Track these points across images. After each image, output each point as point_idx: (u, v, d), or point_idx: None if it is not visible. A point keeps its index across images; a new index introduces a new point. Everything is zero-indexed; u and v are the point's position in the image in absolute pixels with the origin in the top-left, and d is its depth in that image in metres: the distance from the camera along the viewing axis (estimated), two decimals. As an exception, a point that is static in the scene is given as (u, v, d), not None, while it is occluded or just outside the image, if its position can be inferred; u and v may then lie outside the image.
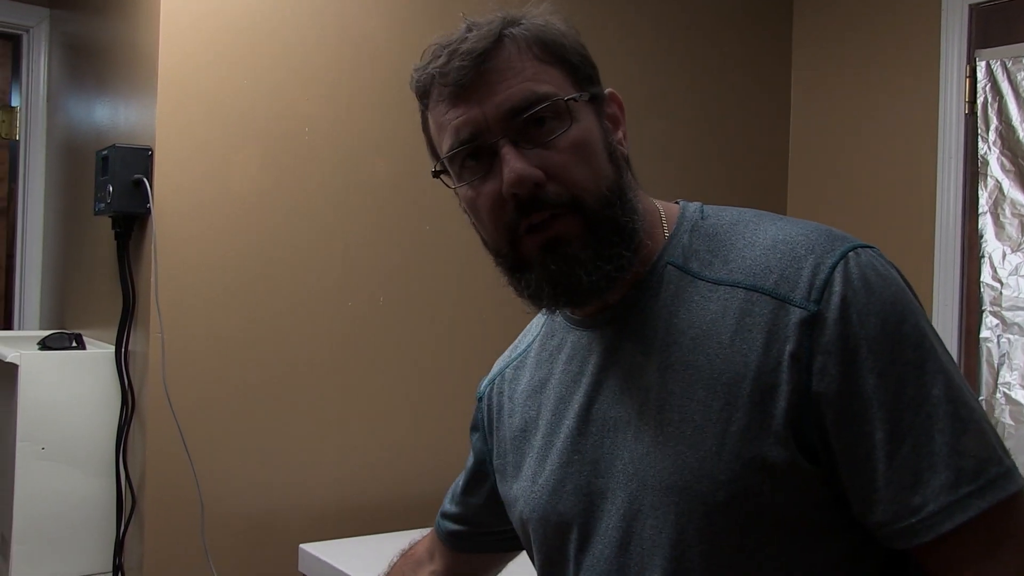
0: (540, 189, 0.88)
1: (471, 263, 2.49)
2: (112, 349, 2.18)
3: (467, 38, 0.92)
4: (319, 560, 2.03)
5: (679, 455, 0.87)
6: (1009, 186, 2.59)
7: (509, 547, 1.22)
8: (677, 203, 1.00)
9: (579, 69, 0.93)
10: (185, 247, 2.08)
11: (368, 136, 2.32)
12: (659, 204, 0.99)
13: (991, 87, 2.63)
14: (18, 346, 2.16)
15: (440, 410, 2.43)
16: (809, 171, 3.05)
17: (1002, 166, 2.61)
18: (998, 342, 2.58)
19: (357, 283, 2.31)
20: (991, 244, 2.62)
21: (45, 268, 2.94)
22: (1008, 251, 2.59)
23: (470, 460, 1.24)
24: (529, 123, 0.89)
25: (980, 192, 2.65)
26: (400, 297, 2.37)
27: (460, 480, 1.26)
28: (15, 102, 3.03)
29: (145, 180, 2.04)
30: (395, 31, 2.36)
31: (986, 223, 2.64)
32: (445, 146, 0.94)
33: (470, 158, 0.92)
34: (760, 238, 0.91)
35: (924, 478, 0.80)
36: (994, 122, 2.63)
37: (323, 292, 2.26)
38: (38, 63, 2.96)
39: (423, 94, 0.96)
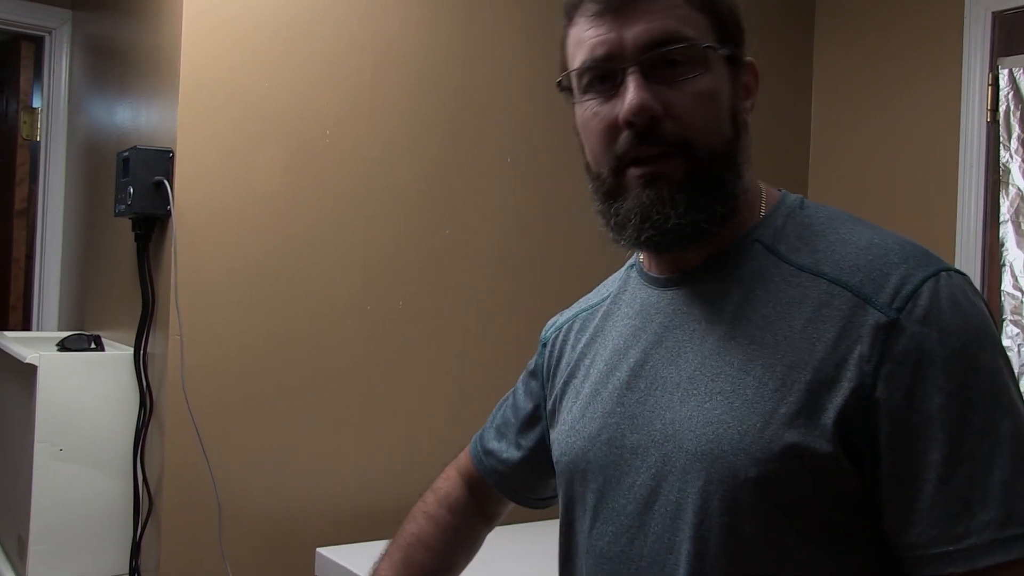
0: (657, 124, 0.90)
1: (493, 268, 2.48)
2: (131, 351, 2.18)
3: None
4: (336, 564, 2.03)
5: (721, 424, 0.87)
6: (1031, 195, 2.57)
7: (536, 503, 1.28)
8: (780, 191, 1.01)
9: (727, 26, 0.94)
10: (205, 249, 2.09)
11: (390, 139, 2.32)
12: (763, 185, 1.00)
13: (1013, 95, 2.61)
14: (37, 347, 2.17)
15: (460, 414, 2.42)
16: (829, 178, 3.04)
17: (1024, 174, 2.59)
18: (1019, 351, 2.56)
19: (378, 287, 2.31)
20: (1012, 253, 2.60)
21: (64, 269, 2.95)
22: (1030, 260, 2.57)
23: (523, 403, 1.25)
24: (664, 60, 0.90)
25: (1001, 200, 2.64)
26: (421, 301, 2.37)
27: (511, 419, 1.28)
28: (37, 103, 3.05)
29: (166, 182, 2.04)
30: (418, 34, 2.36)
31: (1007, 232, 2.62)
32: (577, 61, 0.95)
33: (597, 79, 0.93)
34: (855, 238, 0.90)
35: (973, 509, 0.79)
36: (1016, 130, 2.62)
37: (343, 296, 2.26)
38: (60, 65, 2.97)
39: (571, 7, 0.96)
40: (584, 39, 0.93)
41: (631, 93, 0.89)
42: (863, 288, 0.85)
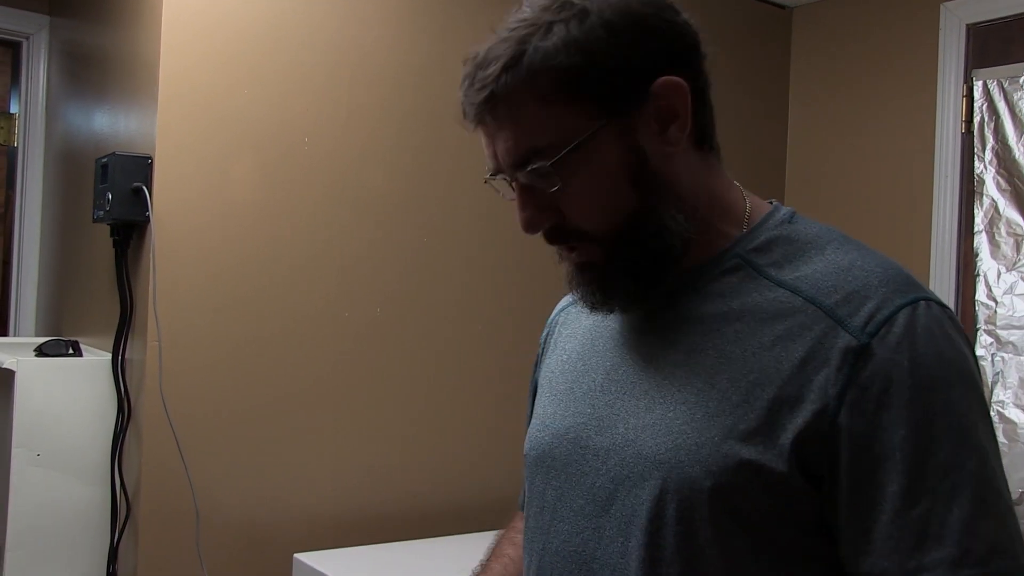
0: (555, 226, 0.92)
1: (470, 275, 2.49)
2: (109, 357, 2.18)
3: (475, 79, 0.91)
4: (314, 570, 2.02)
5: (681, 433, 0.87)
6: (1005, 205, 2.61)
7: None
8: (772, 203, 0.99)
9: (597, 90, 0.88)
10: (184, 255, 2.09)
11: (368, 148, 2.33)
12: (748, 199, 0.98)
13: (988, 107, 2.65)
14: (14, 352, 2.16)
15: (437, 421, 2.43)
16: (806, 189, 3.06)
17: (998, 185, 2.63)
18: (992, 360, 2.59)
19: (355, 294, 2.31)
20: (986, 263, 2.63)
21: (42, 275, 2.94)
22: (1003, 270, 2.60)
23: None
24: (533, 173, 0.90)
25: (976, 211, 2.67)
26: (398, 309, 2.37)
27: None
28: (14, 109, 3.03)
29: (144, 188, 2.04)
30: (396, 42, 2.37)
31: (982, 242, 2.65)
32: None
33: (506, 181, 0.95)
34: (838, 258, 0.89)
35: (927, 545, 0.78)
36: (990, 141, 2.65)
37: (321, 303, 2.26)
38: (37, 70, 2.96)
39: (463, 116, 0.97)
40: (483, 145, 0.95)
41: (518, 210, 0.92)
42: (838, 310, 0.84)
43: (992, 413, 2.54)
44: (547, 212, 0.91)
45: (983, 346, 2.61)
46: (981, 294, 2.63)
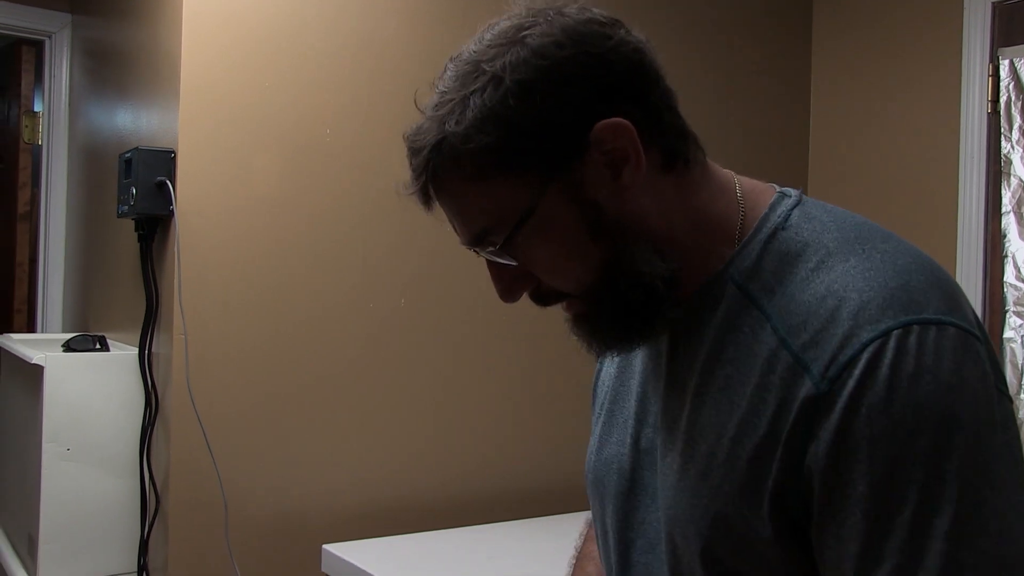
0: (536, 289, 0.89)
1: (492, 264, 2.48)
2: (136, 351, 2.19)
3: (412, 164, 0.90)
4: (342, 560, 2.03)
5: (678, 489, 0.86)
6: (1033, 185, 2.57)
7: None
8: (772, 195, 0.89)
9: (534, 155, 0.82)
10: (208, 249, 2.10)
11: (390, 138, 2.33)
12: (742, 203, 0.88)
13: (1014, 85, 2.61)
14: (42, 349, 2.18)
15: (463, 411, 2.43)
16: (829, 171, 3.04)
17: (1025, 165, 2.59)
18: (1022, 342, 2.56)
19: (379, 285, 2.31)
20: (1014, 244, 2.60)
21: (68, 271, 2.96)
22: (1032, 250, 2.57)
23: None
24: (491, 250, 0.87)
25: (1003, 191, 2.63)
26: (422, 299, 2.37)
27: None
28: (38, 107, 3.06)
29: (168, 182, 2.05)
30: (417, 32, 2.37)
31: (1009, 223, 2.62)
32: None
33: None
34: (820, 278, 0.80)
35: None
36: (1017, 121, 2.61)
37: (345, 293, 2.27)
38: (60, 68, 2.98)
39: None
40: None
41: (493, 282, 0.91)
42: (805, 353, 0.76)
43: (1022, 395, 2.51)
44: (520, 281, 0.89)
45: (1013, 328, 2.58)
46: (1010, 275, 2.60)
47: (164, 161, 2.07)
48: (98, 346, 2.23)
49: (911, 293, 0.75)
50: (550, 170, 0.82)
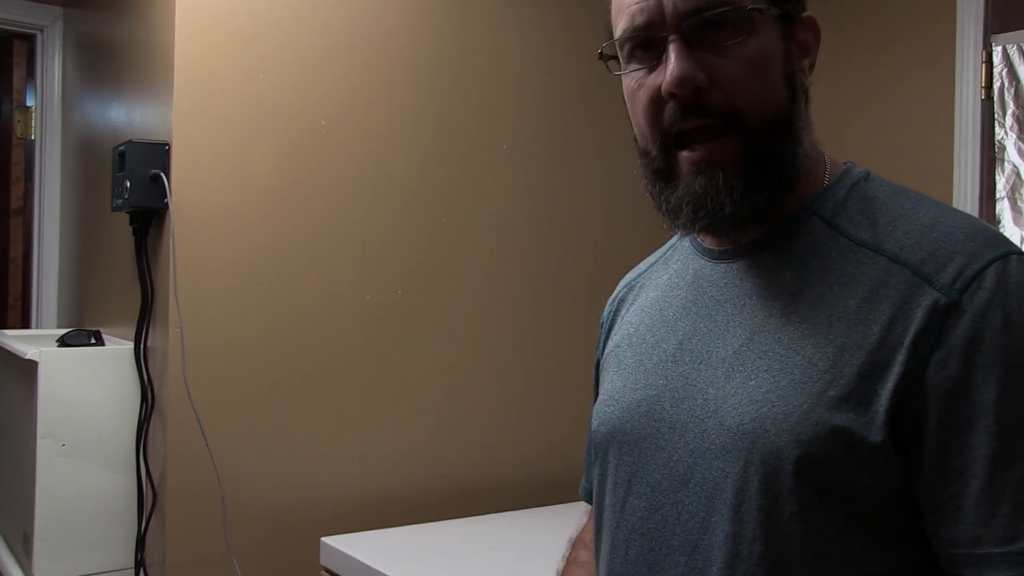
0: (702, 95, 0.85)
1: (491, 255, 2.49)
2: (131, 345, 2.19)
3: None
4: (341, 553, 2.03)
5: (766, 403, 0.83)
6: (1027, 171, 2.58)
7: None
8: (846, 163, 0.96)
9: None
10: (204, 241, 2.09)
11: (386, 129, 2.32)
12: (827, 154, 0.95)
13: (1008, 72, 2.61)
14: (37, 344, 2.17)
15: (461, 402, 2.43)
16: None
17: (1019, 151, 2.60)
18: (1018, 328, 2.57)
19: (376, 277, 2.31)
20: (1009, 229, 2.60)
21: (63, 266, 2.95)
22: (1027, 236, 2.57)
23: None
24: (706, 25, 0.85)
25: (997, 177, 2.64)
26: (419, 291, 2.37)
27: None
28: (30, 102, 3.04)
29: (163, 175, 2.04)
30: (413, 24, 2.36)
31: (1003, 208, 2.62)
32: (619, 29, 0.90)
33: (640, 48, 0.89)
34: (921, 215, 0.85)
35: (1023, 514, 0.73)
36: (1011, 107, 2.62)
37: (342, 286, 2.26)
38: (53, 62, 2.97)
39: None
40: (624, 6, 0.89)
41: (672, 63, 0.84)
42: (924, 267, 0.80)
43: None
44: (699, 73, 0.85)
45: (1008, 314, 2.58)
46: (1005, 262, 2.60)
47: (158, 154, 2.06)
48: (93, 341, 2.23)
49: (999, 233, 0.84)
50: (784, 4, 0.89)
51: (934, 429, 0.77)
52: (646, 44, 0.88)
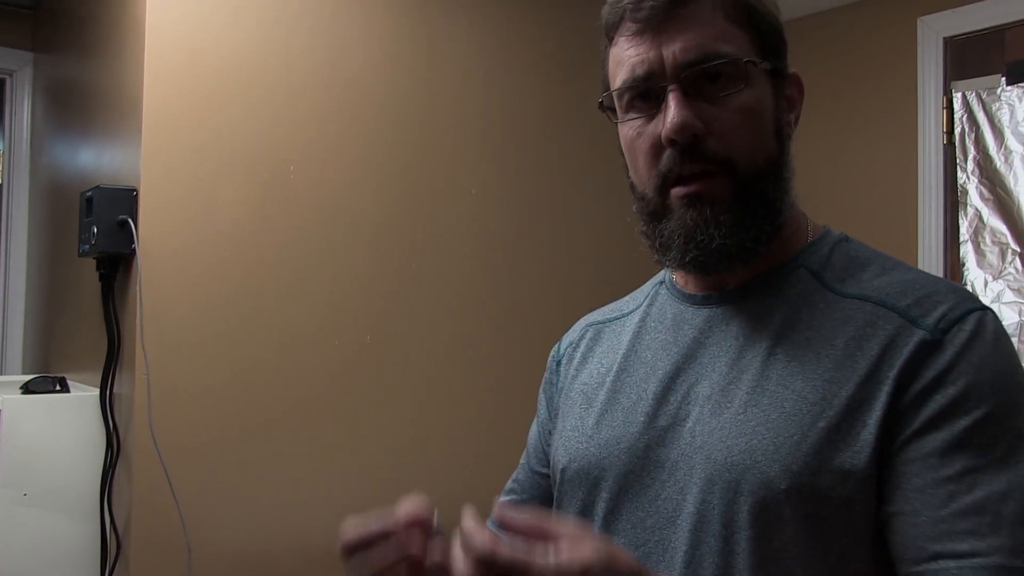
0: (699, 142, 0.89)
1: (459, 299, 2.49)
2: (97, 392, 2.16)
3: None
4: (308, 602, 2.00)
5: (756, 435, 0.85)
6: (988, 215, 2.62)
7: None
8: (823, 227, 1.01)
9: (768, 39, 0.93)
10: (171, 287, 2.08)
11: (354, 174, 2.33)
12: (808, 218, 1.00)
13: (968, 118, 2.67)
14: (1, 391, 2.14)
15: (429, 447, 2.42)
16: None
17: (981, 195, 2.64)
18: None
19: (344, 322, 2.30)
20: (973, 272, 2.64)
21: (29, 311, 2.92)
22: (990, 279, 2.61)
23: (535, 431, 1.19)
24: (703, 77, 0.89)
25: (961, 221, 2.68)
26: (387, 335, 2.36)
27: (531, 451, 1.20)
28: (-2, 146, 3.03)
29: (130, 220, 2.04)
30: (381, 69, 2.37)
31: (967, 251, 2.66)
32: (618, 80, 0.93)
33: (639, 98, 0.92)
34: (902, 273, 0.91)
35: (982, 532, 0.77)
36: (972, 152, 2.67)
37: (310, 331, 2.25)
38: (22, 106, 2.96)
39: (610, 27, 0.95)
40: (624, 58, 0.92)
41: (672, 111, 0.88)
42: (911, 311, 0.85)
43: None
44: (697, 121, 0.89)
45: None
46: (969, 304, 2.64)
47: (126, 199, 2.06)
48: (58, 387, 2.20)
49: (974, 294, 0.89)
50: (771, 58, 0.93)
51: (909, 453, 0.81)
52: (645, 94, 0.92)
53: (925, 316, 0.84)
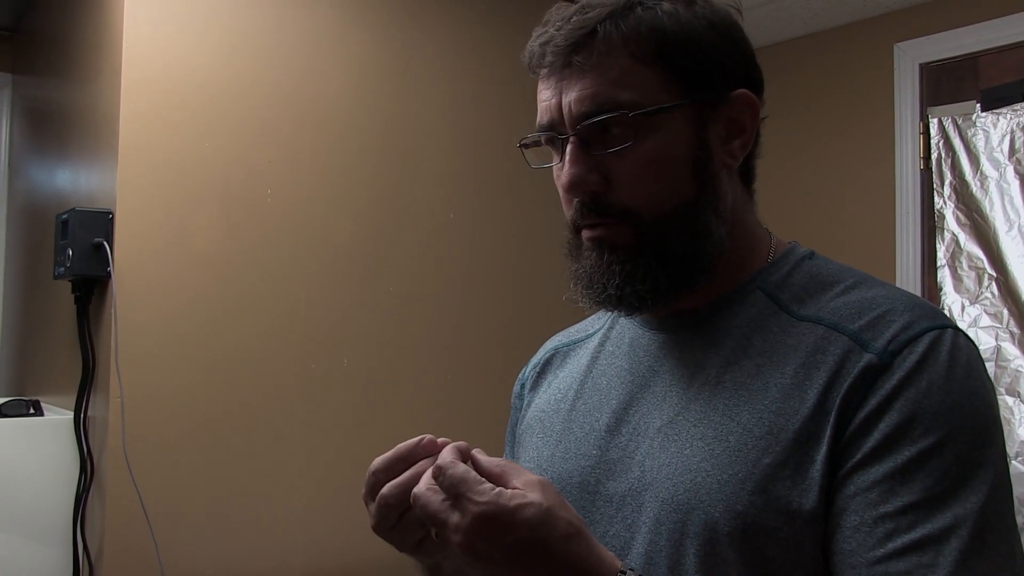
0: (598, 194, 0.87)
1: (437, 324, 2.48)
2: (71, 415, 2.14)
3: (572, 20, 0.87)
4: (283, 629, 1.98)
5: (700, 471, 0.82)
6: (965, 239, 2.64)
7: None
8: (790, 242, 0.98)
9: (689, 68, 0.87)
10: (146, 310, 2.06)
11: (331, 199, 2.32)
12: (772, 237, 0.97)
13: (944, 143, 2.69)
14: (-27, 414, 2.12)
15: (406, 472, 2.40)
16: (770, 229, 3.08)
17: (958, 220, 2.66)
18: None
19: (321, 346, 2.29)
20: (950, 296, 2.66)
21: (3, 334, 2.89)
22: (967, 303, 2.62)
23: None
24: (598, 127, 0.86)
25: (938, 246, 2.70)
26: (365, 360, 2.35)
27: None
28: (-25, 167, 3.01)
29: (105, 243, 2.02)
30: (359, 94, 2.38)
31: (945, 276, 2.68)
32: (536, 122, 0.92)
33: (550, 142, 0.91)
34: (863, 290, 0.87)
35: (919, 574, 0.73)
36: (948, 177, 2.69)
37: (286, 355, 2.24)
38: (0, 128, 2.95)
39: (530, 67, 0.93)
40: (539, 101, 0.91)
41: (566, 167, 0.87)
42: (862, 334, 0.81)
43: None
44: (592, 176, 0.87)
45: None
46: (946, 328, 2.65)
47: (101, 222, 2.04)
48: (32, 411, 2.18)
49: (939, 311, 0.85)
50: (695, 94, 0.87)
51: (853, 486, 0.77)
52: (552, 141, 0.91)
53: (876, 339, 0.80)
